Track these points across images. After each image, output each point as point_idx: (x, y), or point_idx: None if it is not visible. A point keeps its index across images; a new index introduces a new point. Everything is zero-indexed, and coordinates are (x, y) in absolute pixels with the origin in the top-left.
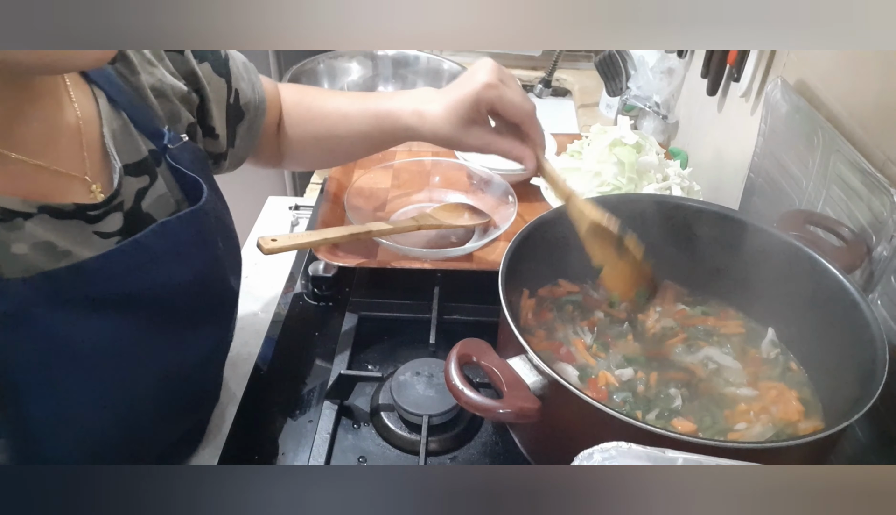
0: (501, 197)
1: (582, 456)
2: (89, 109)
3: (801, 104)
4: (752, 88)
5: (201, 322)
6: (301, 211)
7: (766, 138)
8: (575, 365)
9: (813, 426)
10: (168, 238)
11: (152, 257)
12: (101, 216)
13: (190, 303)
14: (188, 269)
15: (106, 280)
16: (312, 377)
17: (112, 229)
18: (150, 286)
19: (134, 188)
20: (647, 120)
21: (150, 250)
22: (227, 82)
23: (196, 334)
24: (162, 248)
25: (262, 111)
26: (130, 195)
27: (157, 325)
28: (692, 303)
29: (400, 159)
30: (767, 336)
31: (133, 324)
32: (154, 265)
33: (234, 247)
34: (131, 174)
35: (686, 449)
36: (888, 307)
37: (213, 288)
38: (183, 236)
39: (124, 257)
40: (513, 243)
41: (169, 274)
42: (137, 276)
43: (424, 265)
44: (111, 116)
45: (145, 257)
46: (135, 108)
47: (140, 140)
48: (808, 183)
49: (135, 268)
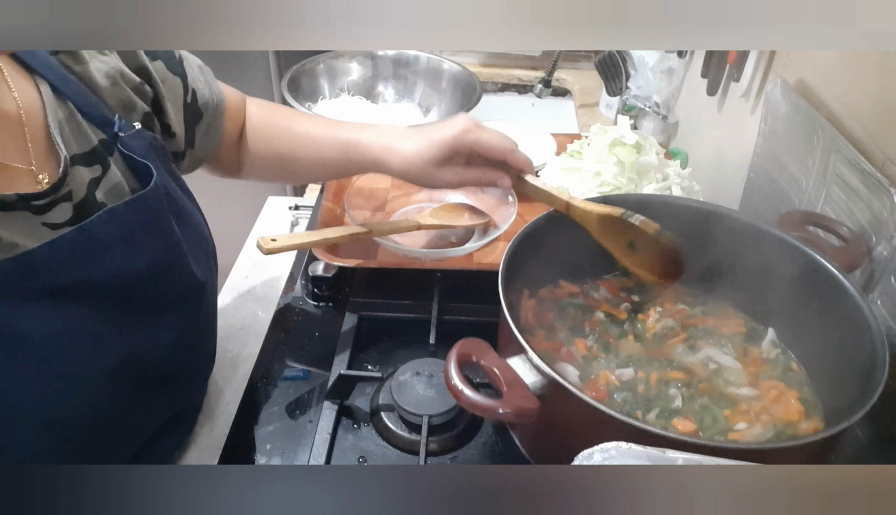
0: (501, 197)
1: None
2: (32, 99)
3: (801, 104)
4: (752, 88)
5: (163, 311)
6: (301, 211)
7: (766, 138)
8: (575, 365)
9: (813, 427)
10: (116, 225)
11: (101, 244)
12: (49, 207)
13: (147, 292)
14: (141, 256)
15: (54, 270)
16: (312, 377)
17: (61, 219)
18: (102, 275)
19: (86, 179)
20: (647, 120)
21: (98, 238)
22: (182, 81)
23: (158, 323)
24: (111, 235)
25: (221, 112)
26: (82, 186)
27: (114, 315)
28: (692, 303)
29: None
30: (768, 336)
31: (87, 314)
32: (104, 253)
33: (199, 235)
34: (82, 164)
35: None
36: (888, 307)
37: (172, 276)
38: (132, 222)
39: (71, 246)
40: (513, 243)
41: (120, 262)
42: (87, 265)
43: (424, 265)
44: (56, 105)
45: (94, 245)
46: (82, 97)
47: (89, 130)
48: (808, 183)
49: (84, 256)
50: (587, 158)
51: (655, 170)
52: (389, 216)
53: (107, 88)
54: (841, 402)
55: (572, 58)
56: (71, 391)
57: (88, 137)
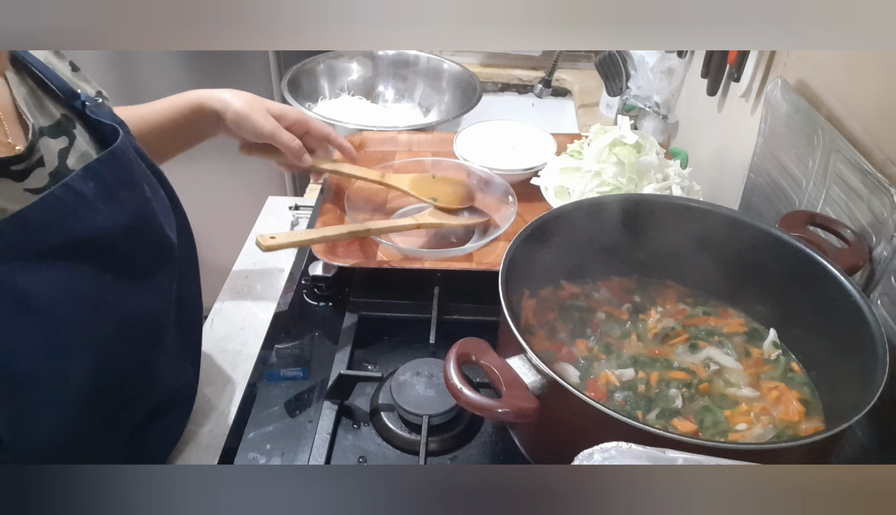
0: (501, 197)
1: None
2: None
3: (801, 104)
4: (752, 88)
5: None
6: (301, 211)
7: (766, 138)
8: (576, 365)
9: (814, 427)
10: (95, 180)
11: (85, 200)
12: (27, 172)
13: (132, 248)
14: (122, 212)
15: (48, 228)
16: (312, 377)
17: (40, 185)
18: (92, 231)
19: (55, 149)
20: (647, 120)
21: (81, 193)
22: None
23: (149, 282)
24: (92, 190)
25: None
26: (54, 156)
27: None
28: (693, 303)
29: (400, 159)
30: (769, 337)
31: (86, 273)
32: (89, 209)
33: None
34: (49, 136)
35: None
36: (888, 307)
37: (151, 233)
38: (109, 177)
39: (58, 203)
40: (513, 244)
41: (106, 217)
42: (76, 221)
43: (424, 265)
44: (18, 82)
45: (79, 201)
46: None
47: (51, 104)
48: (808, 183)
49: (72, 213)
50: (587, 158)
51: (655, 170)
52: (389, 216)
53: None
54: (841, 402)
55: (572, 58)
56: (79, 350)
57: (51, 111)
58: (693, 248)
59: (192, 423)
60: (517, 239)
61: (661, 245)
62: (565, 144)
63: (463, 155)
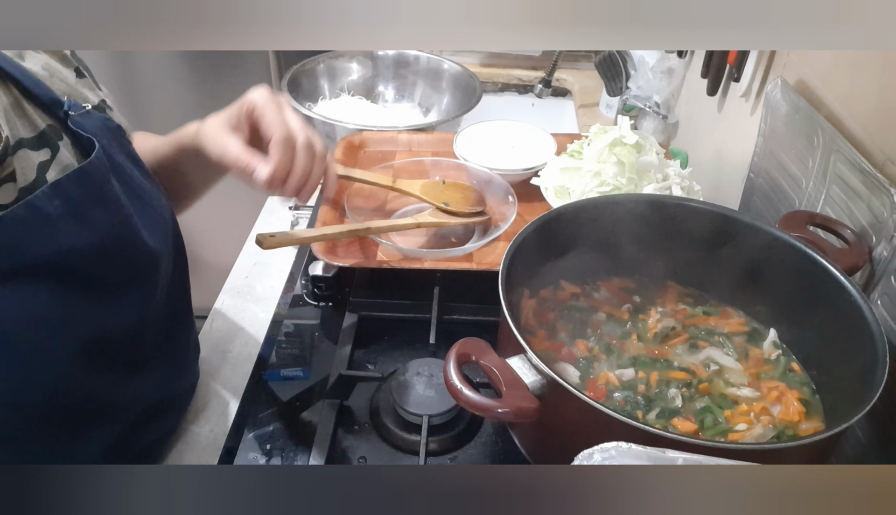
0: (501, 197)
1: (582, 456)
2: None
3: (801, 104)
4: (752, 88)
5: (121, 288)
6: (301, 211)
7: (766, 138)
8: (576, 365)
9: (814, 427)
10: (61, 198)
11: (49, 219)
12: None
13: (102, 267)
14: (92, 231)
15: (7, 250)
16: (312, 377)
17: (6, 200)
18: (55, 252)
19: (34, 162)
20: (647, 120)
21: (45, 213)
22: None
23: (118, 301)
24: (58, 210)
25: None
26: (31, 168)
27: (72, 294)
28: (693, 303)
29: (400, 159)
30: (769, 337)
31: (46, 295)
32: (54, 229)
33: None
34: (30, 148)
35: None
36: (888, 307)
37: (125, 250)
38: (77, 195)
39: (20, 223)
40: (513, 244)
41: (71, 237)
42: (38, 241)
43: (424, 265)
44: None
45: (42, 221)
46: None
47: (36, 115)
48: (808, 183)
49: (34, 233)
50: (587, 158)
51: (655, 170)
52: (389, 216)
53: (47, 78)
54: (842, 402)
55: (572, 58)
56: (37, 374)
57: (35, 122)
58: (693, 248)
59: (193, 423)
60: (517, 239)
61: (661, 245)
62: (565, 144)
63: (463, 155)
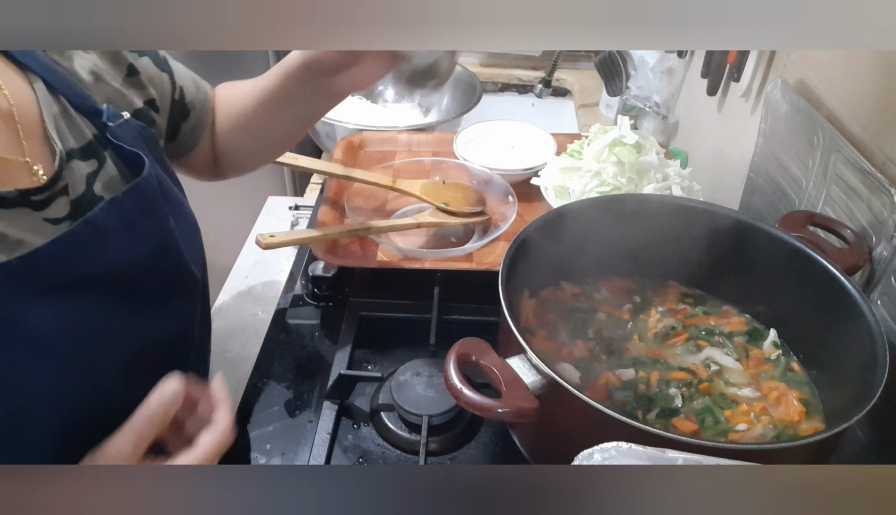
0: (501, 197)
1: (582, 456)
2: (24, 95)
3: (801, 104)
4: (752, 88)
5: (163, 302)
6: (301, 211)
7: (766, 138)
8: (576, 365)
9: (814, 427)
10: (118, 214)
11: (104, 235)
12: (47, 202)
13: (148, 280)
14: (142, 244)
15: (62, 265)
16: (312, 377)
17: (60, 214)
18: (107, 266)
19: (83, 173)
20: (647, 120)
21: (102, 229)
22: (170, 78)
23: (160, 315)
24: (113, 225)
25: (208, 110)
26: (81, 180)
27: (118, 306)
28: (693, 303)
29: (400, 159)
30: (769, 337)
31: (93, 307)
32: (108, 244)
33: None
34: (79, 158)
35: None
36: (888, 307)
37: (170, 264)
38: (131, 211)
39: (77, 239)
40: (513, 243)
41: (124, 251)
42: (92, 256)
43: (424, 265)
44: (49, 101)
45: (98, 237)
46: (73, 91)
47: (83, 123)
48: (808, 183)
49: (89, 249)
50: (587, 158)
51: (655, 170)
52: (389, 216)
53: (91, 83)
54: (842, 402)
55: (572, 58)
56: (86, 386)
57: (83, 132)
58: (693, 248)
59: None
60: (517, 239)
61: (661, 245)
62: (565, 144)
63: (463, 155)
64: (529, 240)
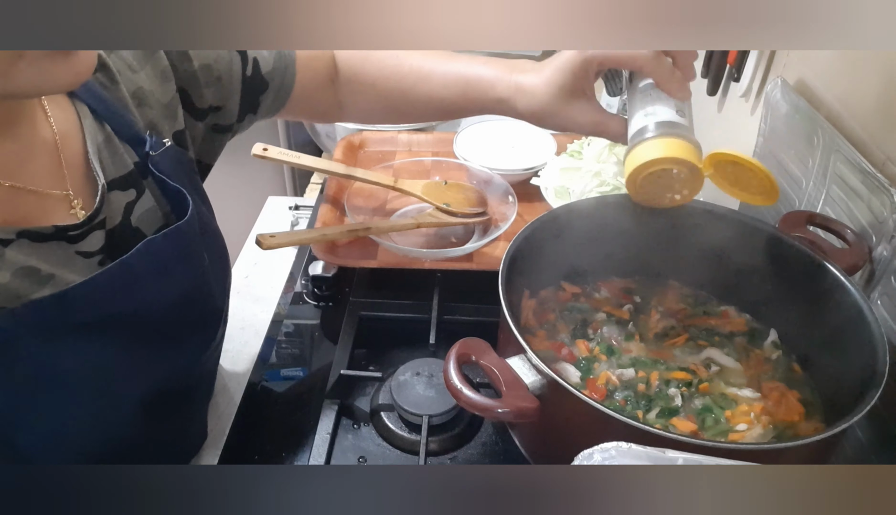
0: (501, 197)
1: (582, 456)
2: (69, 124)
3: (801, 104)
4: (752, 88)
5: (184, 337)
6: (301, 211)
7: (766, 138)
8: (576, 365)
9: (814, 427)
10: (153, 257)
11: (137, 277)
12: (83, 236)
13: (173, 319)
14: (174, 287)
15: (92, 305)
16: (312, 377)
17: (93, 248)
18: (135, 306)
19: (122, 203)
20: None
21: (136, 271)
22: (241, 55)
23: (180, 347)
24: (147, 268)
25: (292, 74)
26: (118, 211)
27: (141, 343)
28: (693, 303)
29: (400, 159)
30: (769, 337)
31: (117, 344)
32: (139, 285)
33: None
34: (118, 188)
35: (686, 449)
36: (888, 307)
37: (198, 305)
38: (168, 254)
39: (111, 281)
40: (513, 243)
41: (153, 293)
42: (122, 297)
43: (424, 265)
44: (95, 129)
45: (130, 278)
46: (117, 118)
47: (125, 152)
48: (808, 183)
49: (119, 289)
50: (587, 158)
51: None
52: (389, 216)
53: (135, 107)
54: (842, 403)
55: None
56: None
57: (125, 161)
58: (693, 248)
59: None
60: (517, 239)
61: (661, 245)
62: (565, 144)
63: (463, 155)
64: (529, 240)
